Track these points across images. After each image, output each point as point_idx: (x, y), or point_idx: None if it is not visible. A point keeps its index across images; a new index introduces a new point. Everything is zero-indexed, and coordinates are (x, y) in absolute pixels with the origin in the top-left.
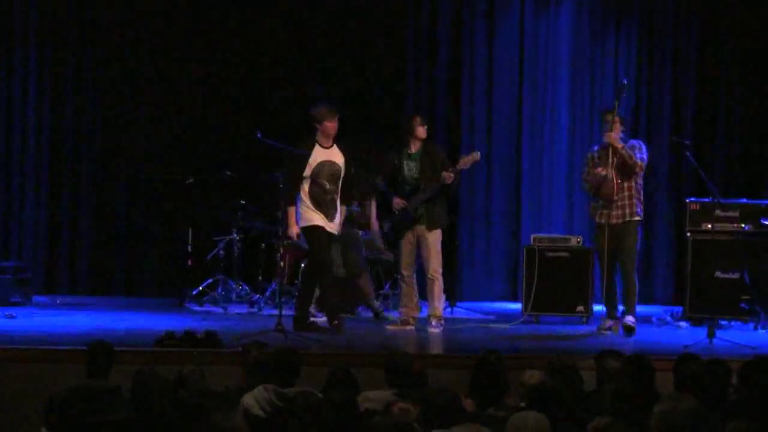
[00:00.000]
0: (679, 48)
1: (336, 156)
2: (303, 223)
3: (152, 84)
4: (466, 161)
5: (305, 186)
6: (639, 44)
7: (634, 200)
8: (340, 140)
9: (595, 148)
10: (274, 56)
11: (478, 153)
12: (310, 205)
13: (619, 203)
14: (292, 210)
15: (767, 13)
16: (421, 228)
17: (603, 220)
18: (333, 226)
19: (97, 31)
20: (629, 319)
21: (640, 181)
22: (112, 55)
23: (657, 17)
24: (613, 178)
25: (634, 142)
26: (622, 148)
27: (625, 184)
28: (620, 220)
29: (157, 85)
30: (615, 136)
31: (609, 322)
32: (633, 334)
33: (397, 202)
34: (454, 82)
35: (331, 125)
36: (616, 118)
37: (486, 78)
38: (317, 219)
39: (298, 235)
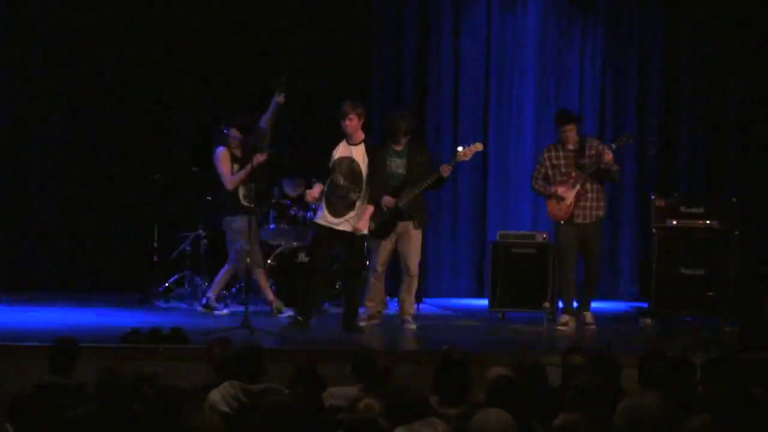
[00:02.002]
0: (644, 46)
1: (358, 154)
2: (316, 217)
3: (117, 78)
4: (466, 153)
5: (328, 180)
6: (605, 43)
7: (601, 202)
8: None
9: (552, 145)
10: (238, 52)
11: (480, 144)
12: (325, 199)
13: (586, 204)
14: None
15: (731, 11)
16: (406, 224)
17: (570, 218)
18: (336, 222)
19: (65, 27)
20: (588, 318)
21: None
22: (80, 49)
23: (622, 16)
24: (571, 203)
25: (606, 149)
26: (614, 164)
27: (589, 186)
28: (587, 220)
29: (123, 79)
30: (610, 155)
31: (566, 318)
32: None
33: (387, 200)
34: (420, 80)
35: (345, 123)
36: (572, 126)
37: (452, 76)
38: (320, 216)
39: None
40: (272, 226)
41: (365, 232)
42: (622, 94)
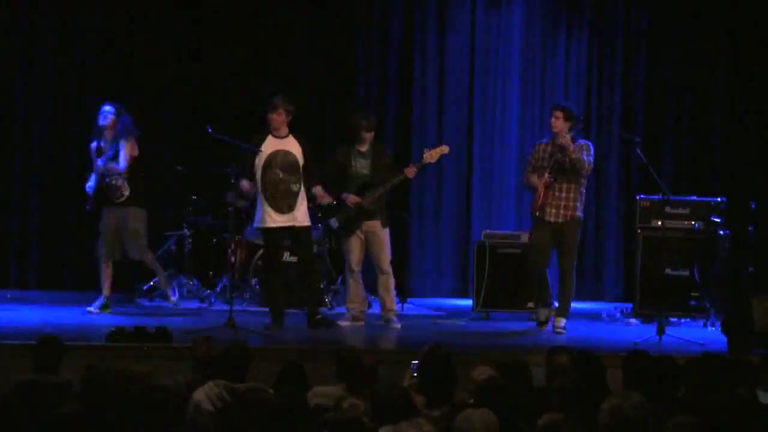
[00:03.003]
0: (629, 45)
1: (291, 145)
2: (256, 223)
3: (104, 75)
4: (432, 155)
5: (259, 177)
6: (590, 41)
7: (576, 202)
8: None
9: (545, 140)
10: (222, 49)
11: (446, 146)
12: (264, 199)
13: (560, 203)
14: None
15: (716, 11)
16: (373, 223)
17: (542, 216)
18: (284, 220)
19: (51, 20)
20: (561, 324)
21: (583, 180)
22: (67, 44)
23: (607, 15)
24: (540, 193)
25: (582, 141)
26: (573, 150)
27: (565, 185)
28: (560, 219)
29: (109, 76)
30: (567, 137)
31: (546, 312)
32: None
33: (352, 199)
34: (404, 77)
35: (271, 117)
36: (559, 113)
37: (437, 74)
38: (268, 219)
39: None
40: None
41: (308, 223)
42: (606, 93)
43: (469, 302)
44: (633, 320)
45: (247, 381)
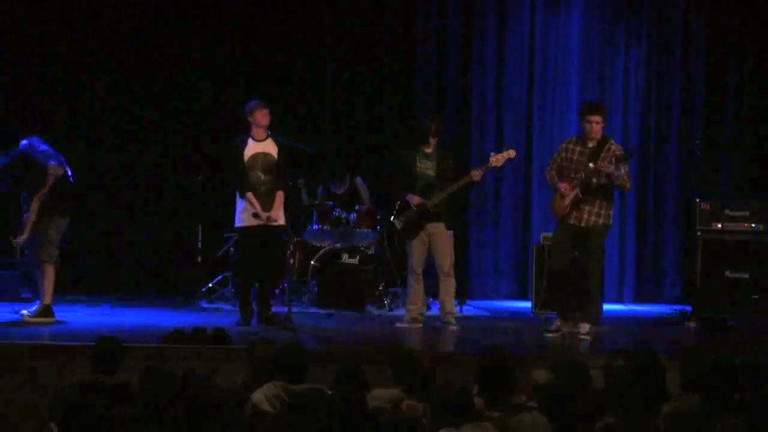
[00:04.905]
0: (688, 46)
1: (270, 147)
2: (237, 223)
3: (160, 78)
4: (498, 158)
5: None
6: (648, 42)
7: (603, 209)
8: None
9: (573, 137)
10: (283, 49)
11: (514, 150)
12: (241, 201)
13: (585, 207)
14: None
15: None
16: (437, 225)
17: (566, 218)
18: (262, 219)
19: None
20: (585, 330)
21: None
22: (118, 52)
23: (666, 16)
24: (568, 204)
25: (621, 149)
26: (623, 178)
27: (593, 190)
28: (582, 223)
29: (166, 79)
30: (613, 169)
31: (558, 323)
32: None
33: (416, 200)
34: (463, 81)
35: (260, 115)
36: (599, 118)
37: (496, 76)
38: (245, 218)
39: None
40: (315, 227)
41: (283, 223)
42: (665, 97)
43: (528, 304)
44: (692, 322)
45: (305, 383)
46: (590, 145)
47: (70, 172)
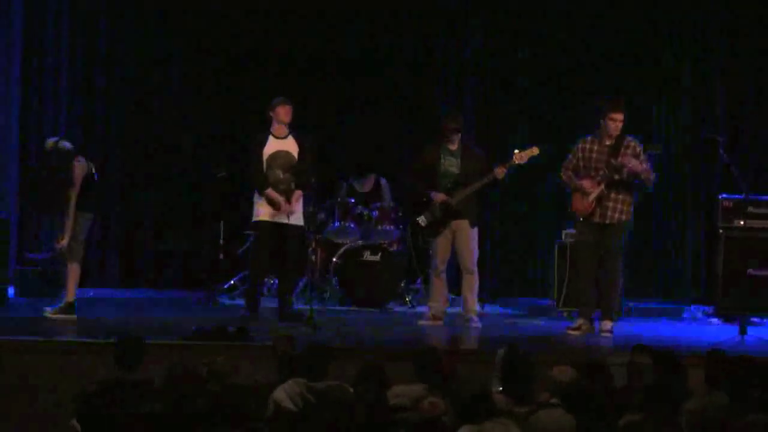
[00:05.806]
0: (707, 44)
1: (290, 145)
2: (253, 218)
3: (184, 75)
4: (522, 156)
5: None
6: None
7: (626, 206)
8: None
9: (590, 137)
10: (307, 51)
11: (537, 148)
12: (259, 196)
13: (608, 203)
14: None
15: None
16: (461, 222)
17: (589, 217)
18: (279, 217)
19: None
20: (607, 327)
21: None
22: (148, 48)
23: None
24: (593, 201)
25: (631, 138)
26: (646, 171)
27: (616, 187)
28: (606, 220)
29: (189, 75)
30: (636, 163)
31: (579, 321)
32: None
33: (440, 197)
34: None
35: (283, 111)
36: (620, 116)
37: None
38: (262, 213)
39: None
40: (336, 223)
41: (302, 223)
42: None
43: (552, 302)
44: (714, 320)
45: (327, 380)
46: (607, 142)
47: (95, 171)
